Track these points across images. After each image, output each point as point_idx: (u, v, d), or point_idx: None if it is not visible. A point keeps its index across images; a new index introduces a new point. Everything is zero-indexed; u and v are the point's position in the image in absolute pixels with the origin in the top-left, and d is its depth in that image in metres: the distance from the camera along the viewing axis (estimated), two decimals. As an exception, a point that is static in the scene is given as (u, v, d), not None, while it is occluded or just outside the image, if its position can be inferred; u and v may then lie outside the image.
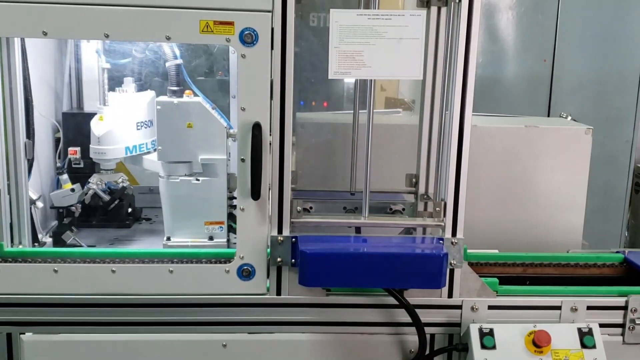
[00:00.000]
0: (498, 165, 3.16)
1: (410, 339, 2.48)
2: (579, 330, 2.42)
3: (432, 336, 2.49)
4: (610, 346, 2.43)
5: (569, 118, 3.58)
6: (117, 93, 2.91)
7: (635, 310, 2.50)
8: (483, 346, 2.37)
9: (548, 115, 5.05)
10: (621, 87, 5.10)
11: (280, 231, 2.36)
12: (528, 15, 5.01)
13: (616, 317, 2.52)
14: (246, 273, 2.39)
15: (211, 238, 2.81)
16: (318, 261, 2.29)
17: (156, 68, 3.05)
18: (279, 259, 2.37)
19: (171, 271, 2.38)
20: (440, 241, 2.41)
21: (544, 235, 3.20)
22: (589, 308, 2.49)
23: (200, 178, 2.77)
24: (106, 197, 2.98)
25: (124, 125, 2.88)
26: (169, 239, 2.81)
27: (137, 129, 2.92)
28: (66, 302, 2.37)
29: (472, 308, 2.46)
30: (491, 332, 2.39)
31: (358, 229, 2.59)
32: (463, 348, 2.44)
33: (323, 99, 4.20)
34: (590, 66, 5.08)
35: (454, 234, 2.40)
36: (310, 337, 2.47)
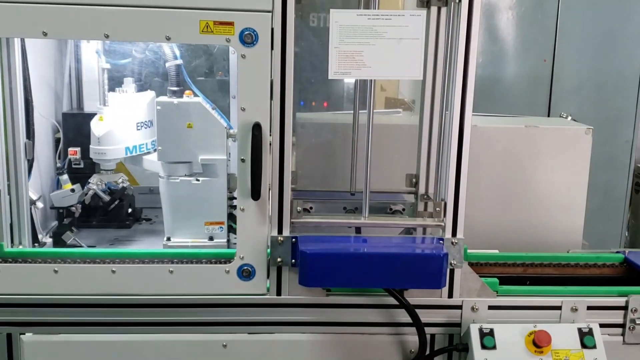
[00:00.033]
0: (498, 165, 3.16)
1: (410, 339, 2.48)
2: (579, 330, 2.42)
3: (432, 336, 2.49)
4: (610, 346, 2.43)
5: (569, 118, 3.57)
6: (117, 93, 2.91)
7: (635, 310, 2.50)
8: (483, 346, 2.37)
9: (548, 115, 5.04)
10: (621, 87, 5.10)
11: (280, 231, 2.36)
12: (528, 15, 5.01)
13: (616, 317, 2.52)
14: (246, 273, 2.39)
15: (211, 238, 2.81)
16: (318, 261, 2.29)
17: (156, 68, 3.05)
18: (279, 259, 2.37)
19: (171, 271, 2.38)
20: (440, 241, 2.40)
21: (544, 235, 3.20)
22: (589, 308, 2.49)
23: (200, 178, 2.77)
24: (106, 198, 2.98)
25: (124, 125, 2.88)
26: (169, 239, 2.81)
27: (137, 129, 2.92)
28: (66, 303, 2.37)
29: (473, 308, 2.46)
30: (491, 332, 2.39)
31: (358, 229, 2.59)
32: (463, 348, 2.44)
33: (323, 99, 4.20)
34: (590, 66, 5.07)
35: (454, 234, 2.40)
36: (310, 338, 2.47)
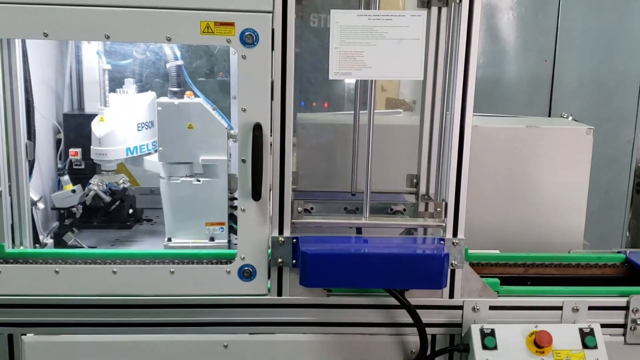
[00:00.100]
0: (499, 165, 3.16)
1: (411, 340, 2.48)
2: (581, 330, 2.42)
3: (433, 337, 2.49)
4: (611, 346, 2.43)
5: (570, 118, 3.57)
6: (118, 94, 2.91)
7: (636, 310, 2.50)
8: (484, 347, 2.37)
9: (549, 115, 5.04)
10: (622, 87, 5.10)
11: (281, 232, 2.36)
12: (529, 15, 5.01)
13: (618, 318, 2.52)
14: (247, 274, 2.39)
15: (212, 239, 2.81)
16: (319, 262, 2.29)
17: (157, 69, 3.05)
18: (280, 260, 2.37)
19: (172, 272, 2.38)
20: (441, 242, 2.40)
21: (545, 235, 3.19)
22: (591, 308, 2.48)
23: (201, 179, 2.77)
24: (107, 198, 2.97)
25: (125, 126, 2.88)
26: (170, 240, 2.81)
27: (138, 130, 2.92)
28: (67, 303, 2.37)
29: (474, 308, 2.45)
30: (492, 333, 2.39)
31: (359, 230, 2.59)
32: (464, 349, 2.44)
33: (324, 100, 4.21)
34: (591, 66, 5.07)
35: (455, 235, 2.40)
36: (311, 338, 2.47)
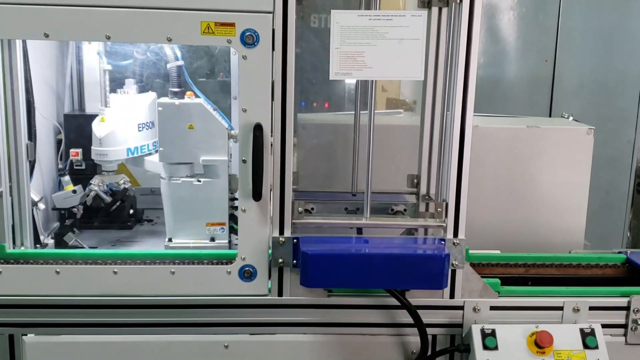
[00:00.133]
0: (499, 165, 3.15)
1: (412, 340, 2.48)
2: (582, 330, 2.42)
3: (434, 337, 2.49)
4: (612, 347, 2.43)
5: (571, 118, 3.57)
6: (119, 94, 2.91)
7: (637, 310, 2.50)
8: (485, 347, 2.37)
9: (550, 115, 5.04)
10: (623, 88, 5.10)
11: (281, 232, 2.36)
12: (529, 15, 5.01)
13: (618, 318, 2.52)
14: (248, 274, 2.39)
15: (213, 239, 2.81)
16: (319, 262, 2.29)
17: (157, 69, 3.05)
18: (281, 260, 2.37)
19: (173, 272, 2.38)
20: (441, 242, 2.40)
21: (546, 235, 3.19)
22: (591, 308, 2.48)
23: (201, 179, 2.77)
24: (108, 199, 2.98)
25: (126, 126, 2.88)
26: (171, 240, 2.81)
27: (139, 131, 2.92)
28: (68, 304, 2.37)
29: (474, 309, 2.45)
30: (493, 333, 2.39)
31: (359, 230, 2.59)
32: (465, 349, 2.44)
33: (324, 100, 4.21)
34: (591, 66, 5.07)
35: (456, 235, 2.40)
36: (311, 338, 2.47)
